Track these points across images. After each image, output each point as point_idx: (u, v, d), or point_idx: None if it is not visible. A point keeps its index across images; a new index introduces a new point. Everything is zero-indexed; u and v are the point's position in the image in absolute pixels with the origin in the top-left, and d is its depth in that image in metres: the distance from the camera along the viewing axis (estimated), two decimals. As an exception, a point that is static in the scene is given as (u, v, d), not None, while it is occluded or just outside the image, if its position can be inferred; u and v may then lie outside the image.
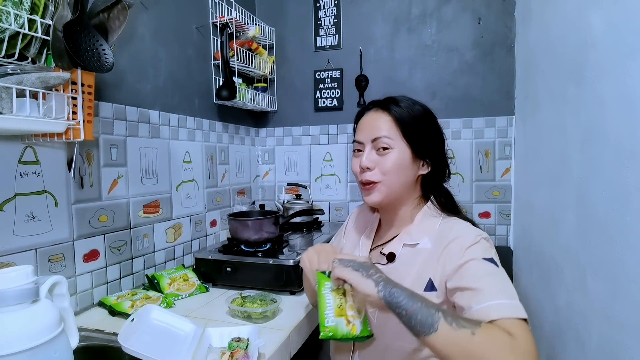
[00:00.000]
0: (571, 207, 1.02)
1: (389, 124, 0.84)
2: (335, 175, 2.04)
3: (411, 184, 0.87)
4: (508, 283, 0.71)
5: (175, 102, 1.47)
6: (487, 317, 0.64)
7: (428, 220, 0.86)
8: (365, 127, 0.88)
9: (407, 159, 0.84)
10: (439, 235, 0.81)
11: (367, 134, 0.86)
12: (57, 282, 0.67)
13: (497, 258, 0.75)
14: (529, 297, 1.42)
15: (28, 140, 0.94)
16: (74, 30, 0.84)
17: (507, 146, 1.76)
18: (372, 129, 0.85)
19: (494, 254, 0.75)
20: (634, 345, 0.72)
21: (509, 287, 0.69)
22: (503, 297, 0.67)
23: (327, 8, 1.98)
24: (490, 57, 1.76)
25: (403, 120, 0.84)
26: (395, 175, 0.84)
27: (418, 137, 0.84)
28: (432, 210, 0.88)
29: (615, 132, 0.79)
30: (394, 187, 0.84)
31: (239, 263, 1.30)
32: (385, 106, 0.86)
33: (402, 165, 0.83)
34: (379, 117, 0.86)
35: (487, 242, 0.78)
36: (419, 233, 0.85)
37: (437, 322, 0.60)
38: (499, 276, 0.71)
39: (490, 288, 0.68)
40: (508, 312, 0.64)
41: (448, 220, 0.85)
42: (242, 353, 0.83)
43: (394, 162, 0.83)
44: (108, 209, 1.17)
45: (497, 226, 1.79)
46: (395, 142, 0.83)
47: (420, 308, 0.63)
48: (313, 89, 2.02)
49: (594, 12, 0.89)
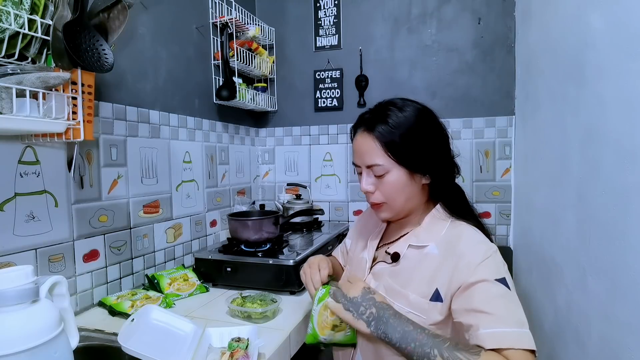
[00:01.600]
0: (571, 207, 1.02)
1: (378, 150, 0.81)
2: (335, 175, 2.04)
3: (416, 194, 0.85)
4: (519, 308, 0.69)
5: (175, 102, 1.47)
6: (493, 344, 0.63)
7: (436, 223, 0.85)
8: (357, 151, 0.86)
9: (405, 179, 0.82)
10: (446, 243, 0.80)
11: (360, 160, 0.85)
12: (57, 282, 0.67)
13: (509, 276, 0.73)
14: (529, 297, 1.42)
15: (28, 140, 0.94)
16: (74, 30, 0.84)
17: (507, 146, 1.76)
18: (363, 155, 0.84)
19: (505, 272, 0.73)
20: (634, 345, 0.72)
21: (519, 313, 0.68)
22: (513, 324, 0.65)
23: (327, 8, 1.98)
24: (490, 57, 1.76)
25: (391, 142, 0.80)
26: (397, 195, 0.83)
27: (410, 156, 0.81)
28: (441, 213, 0.86)
29: (615, 132, 0.79)
30: (399, 205, 0.84)
31: (239, 263, 1.30)
32: (372, 127, 0.82)
33: (401, 185, 0.82)
34: (366, 142, 0.83)
35: (498, 256, 0.75)
36: (425, 236, 0.84)
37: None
38: (510, 300, 0.69)
39: (500, 313, 0.66)
40: (515, 342, 0.63)
41: (456, 225, 0.82)
42: (242, 353, 0.83)
43: (392, 185, 0.82)
44: (108, 209, 1.17)
45: (497, 226, 1.79)
46: (388, 166, 0.81)
47: (415, 349, 0.66)
48: (313, 89, 2.02)
49: (593, 12, 0.89)
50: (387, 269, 0.86)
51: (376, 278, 0.87)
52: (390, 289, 0.82)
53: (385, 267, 0.87)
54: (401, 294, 0.80)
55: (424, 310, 0.76)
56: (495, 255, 0.75)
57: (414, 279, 0.80)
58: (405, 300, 0.78)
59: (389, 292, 0.82)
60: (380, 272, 0.87)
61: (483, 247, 0.76)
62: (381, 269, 0.87)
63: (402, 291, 0.80)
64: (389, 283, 0.83)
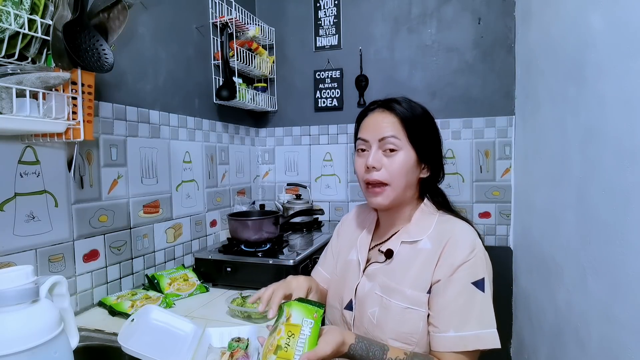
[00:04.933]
0: (571, 207, 1.02)
1: (396, 125, 0.83)
2: (335, 175, 2.04)
3: (413, 185, 0.87)
4: (486, 310, 0.74)
5: (175, 102, 1.47)
6: (439, 347, 0.73)
7: (425, 218, 0.86)
8: (371, 126, 0.85)
9: (412, 162, 0.83)
10: (437, 235, 0.82)
11: (373, 133, 0.84)
12: (57, 282, 0.67)
13: (489, 276, 0.77)
14: (529, 297, 1.42)
15: (28, 140, 0.94)
16: (74, 30, 0.84)
17: (507, 146, 1.76)
18: (379, 129, 0.83)
19: (484, 272, 0.76)
20: (634, 345, 0.72)
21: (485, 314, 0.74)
22: (468, 328, 0.72)
23: (327, 8, 1.98)
24: (490, 57, 1.76)
25: (409, 121, 0.83)
26: (402, 178, 0.83)
27: (422, 140, 0.84)
28: (429, 207, 0.88)
29: (615, 132, 0.79)
30: (400, 190, 0.84)
31: (239, 263, 1.30)
32: (390, 106, 0.85)
33: (407, 168, 0.83)
34: (385, 117, 0.84)
35: (480, 257, 0.77)
36: (417, 231, 0.85)
37: None
38: (478, 305, 0.74)
39: (458, 318, 0.73)
40: (455, 346, 0.72)
41: (445, 218, 0.85)
42: (242, 353, 0.83)
43: (400, 164, 0.82)
44: (108, 209, 1.17)
45: (497, 226, 1.79)
46: (402, 143, 0.82)
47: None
48: (313, 89, 2.02)
49: (594, 12, 0.89)
50: (381, 268, 0.85)
51: (370, 278, 0.86)
52: (386, 287, 0.81)
53: (378, 267, 0.86)
54: (397, 290, 0.80)
55: (422, 303, 0.77)
56: (477, 257, 0.77)
57: (409, 274, 0.80)
58: (402, 296, 0.79)
59: (384, 290, 0.81)
60: (374, 272, 0.86)
61: (468, 247, 0.77)
62: (374, 269, 0.86)
63: (398, 287, 0.80)
64: (384, 281, 0.82)
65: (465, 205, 1.82)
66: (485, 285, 0.75)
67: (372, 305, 0.82)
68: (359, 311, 0.85)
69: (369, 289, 0.84)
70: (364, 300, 0.84)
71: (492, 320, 0.74)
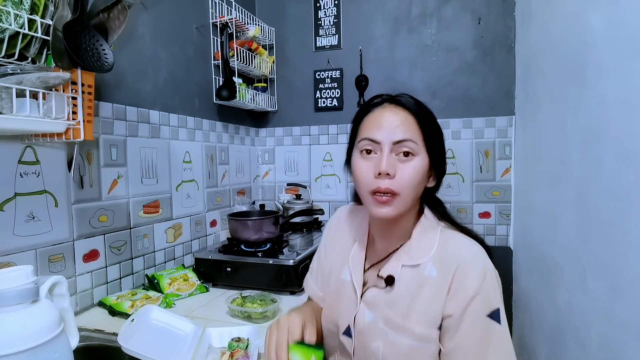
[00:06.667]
0: (571, 207, 1.02)
1: (412, 125, 0.71)
2: (335, 175, 2.04)
3: (418, 196, 0.76)
4: (504, 344, 0.67)
5: (175, 102, 1.47)
6: None
7: (426, 233, 0.76)
8: (382, 124, 0.72)
9: (425, 170, 0.72)
10: (442, 258, 0.72)
11: (387, 133, 0.71)
12: (57, 282, 0.67)
13: (502, 302, 0.68)
14: (529, 297, 1.42)
15: (28, 140, 0.94)
16: (74, 30, 0.84)
17: (507, 146, 1.76)
18: (394, 128, 0.71)
19: (498, 300, 0.68)
20: (634, 345, 0.72)
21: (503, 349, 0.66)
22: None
23: (327, 8, 1.98)
24: (490, 57, 1.76)
25: (424, 122, 0.72)
26: (413, 187, 0.71)
27: (436, 145, 0.73)
28: (430, 220, 0.78)
29: (615, 132, 0.79)
30: (409, 201, 0.73)
31: (239, 263, 1.30)
32: (401, 103, 0.73)
33: (420, 176, 0.72)
34: (400, 114, 0.72)
35: (493, 282, 0.69)
36: (418, 251, 0.74)
37: None
38: (495, 339, 0.66)
39: (469, 355, 0.66)
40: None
41: (448, 234, 0.75)
42: (242, 353, 0.83)
43: (415, 171, 0.71)
44: (108, 209, 1.17)
45: (497, 226, 1.79)
46: (419, 147, 0.71)
47: None
48: (313, 89, 2.02)
49: (593, 12, 0.89)
50: (382, 296, 0.74)
51: (370, 307, 0.75)
52: (391, 322, 0.72)
53: (379, 294, 0.75)
54: (405, 328, 0.70)
55: (433, 340, 0.69)
56: (489, 284, 0.68)
57: (416, 307, 0.71)
58: (412, 335, 0.70)
59: (389, 325, 0.72)
60: (374, 301, 0.75)
61: (479, 275, 0.68)
62: (374, 296, 0.76)
63: (406, 325, 0.70)
64: (388, 315, 0.73)
65: (465, 205, 1.82)
66: (501, 316, 0.67)
67: (375, 338, 0.73)
68: (359, 341, 0.76)
69: (371, 321, 0.74)
70: (365, 332, 0.75)
71: (512, 356, 0.66)
